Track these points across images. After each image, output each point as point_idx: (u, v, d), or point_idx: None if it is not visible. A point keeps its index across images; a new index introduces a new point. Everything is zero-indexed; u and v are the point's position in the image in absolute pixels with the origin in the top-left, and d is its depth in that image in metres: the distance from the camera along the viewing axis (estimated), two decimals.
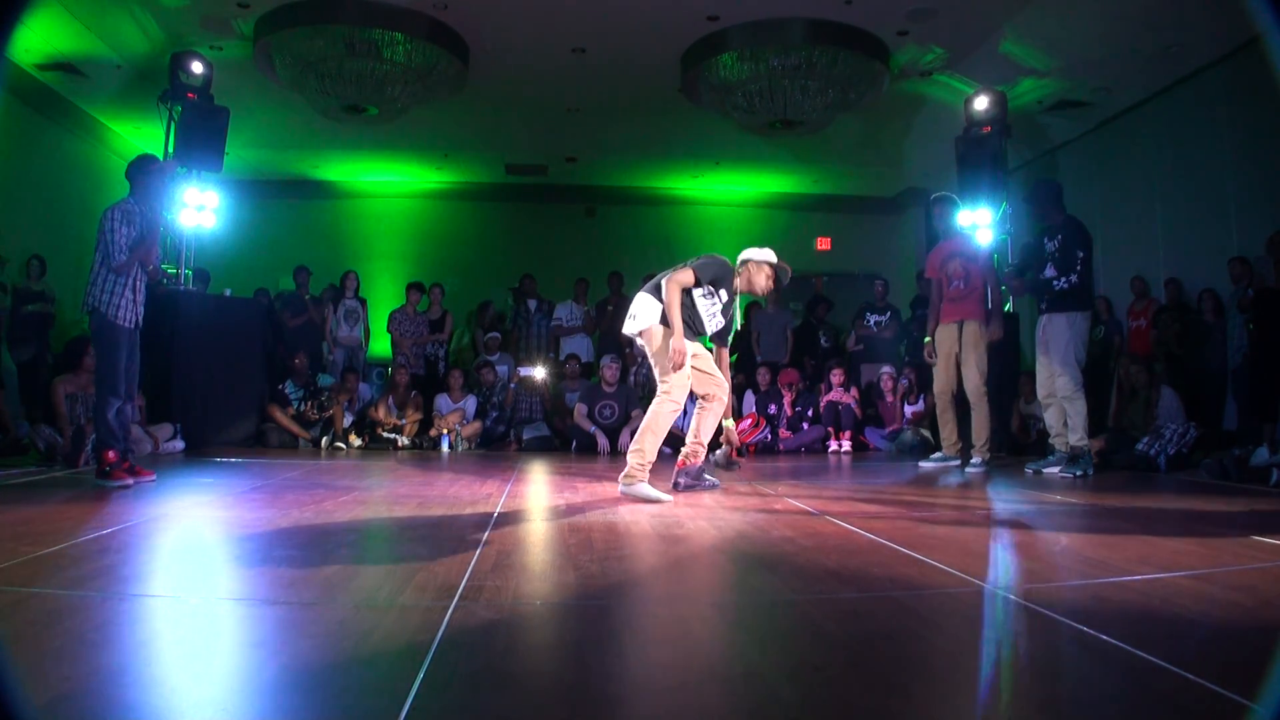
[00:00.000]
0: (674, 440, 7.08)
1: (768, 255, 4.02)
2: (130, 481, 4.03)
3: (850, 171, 10.75)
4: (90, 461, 5.11)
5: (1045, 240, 5.10)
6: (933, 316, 5.57)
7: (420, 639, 1.51)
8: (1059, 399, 4.96)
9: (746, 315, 9.04)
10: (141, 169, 4.41)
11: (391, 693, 1.25)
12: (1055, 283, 4.92)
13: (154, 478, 4.26)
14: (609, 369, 7.17)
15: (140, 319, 4.35)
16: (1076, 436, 4.89)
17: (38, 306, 7.05)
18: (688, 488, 3.93)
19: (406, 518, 3.02)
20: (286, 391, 7.25)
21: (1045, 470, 5.03)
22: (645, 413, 7.06)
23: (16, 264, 7.25)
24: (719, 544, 2.67)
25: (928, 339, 5.56)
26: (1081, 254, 4.89)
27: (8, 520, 2.93)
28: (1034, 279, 5.13)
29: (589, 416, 7.06)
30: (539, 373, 7.65)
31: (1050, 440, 5.14)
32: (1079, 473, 4.76)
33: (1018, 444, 6.97)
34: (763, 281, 4.00)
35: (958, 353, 5.36)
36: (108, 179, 9.31)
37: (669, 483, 3.94)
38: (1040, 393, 5.12)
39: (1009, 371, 7.58)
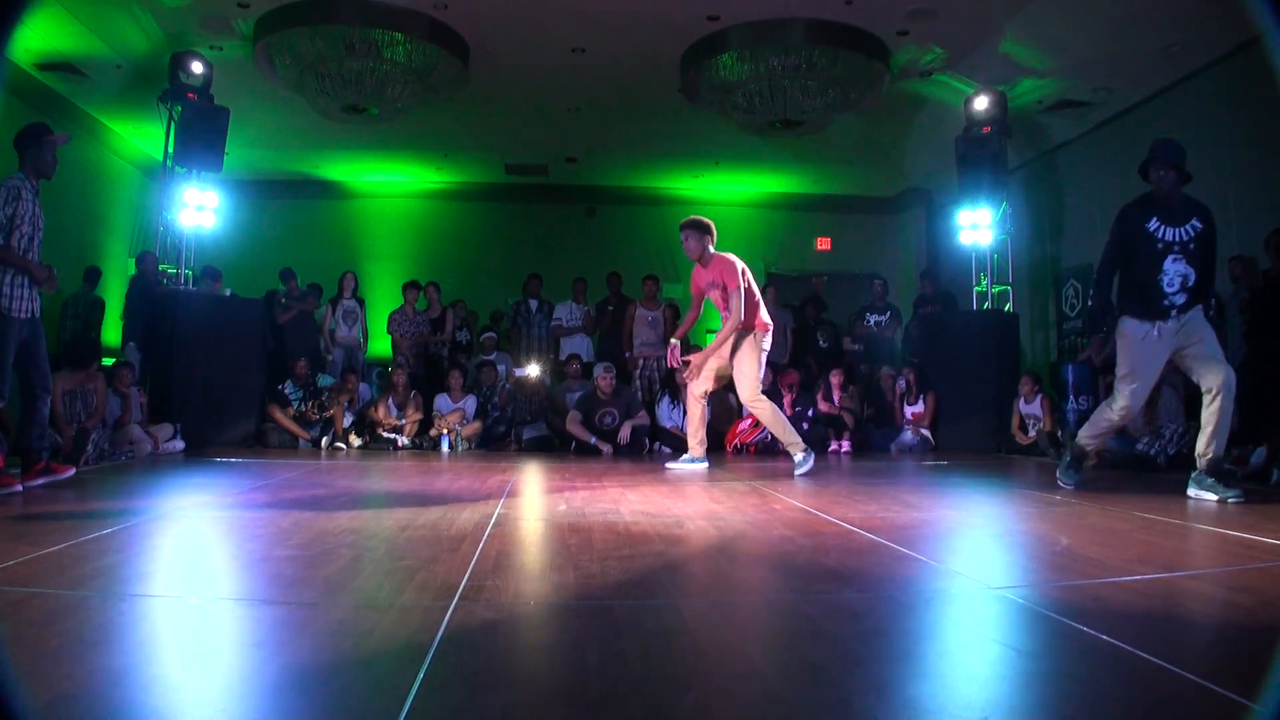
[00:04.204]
0: (675, 440, 7.13)
1: None
2: (19, 488, 3.64)
3: (850, 171, 10.74)
4: (90, 461, 5.12)
5: (1158, 225, 3.81)
6: (689, 324, 5.44)
7: (420, 639, 1.51)
8: (1218, 403, 3.70)
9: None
10: (31, 139, 3.88)
11: (391, 693, 1.25)
12: (1186, 283, 3.77)
13: (71, 471, 3.95)
14: (603, 379, 7.10)
15: (37, 308, 3.86)
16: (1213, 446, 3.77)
17: None
18: None
19: (406, 518, 3.02)
20: (286, 392, 7.25)
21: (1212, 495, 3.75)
22: (646, 415, 7.11)
23: None
24: (719, 544, 2.67)
25: (675, 340, 5.25)
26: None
27: (8, 520, 2.93)
28: (1131, 286, 3.89)
29: (588, 424, 7.02)
30: (533, 371, 7.63)
31: (1203, 455, 3.85)
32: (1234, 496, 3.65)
33: (1015, 444, 6.98)
34: None
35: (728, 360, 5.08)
36: (107, 179, 9.33)
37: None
38: (1135, 410, 3.96)
39: (1009, 371, 7.60)
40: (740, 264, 4.96)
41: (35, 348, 3.85)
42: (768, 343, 5.02)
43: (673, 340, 5.25)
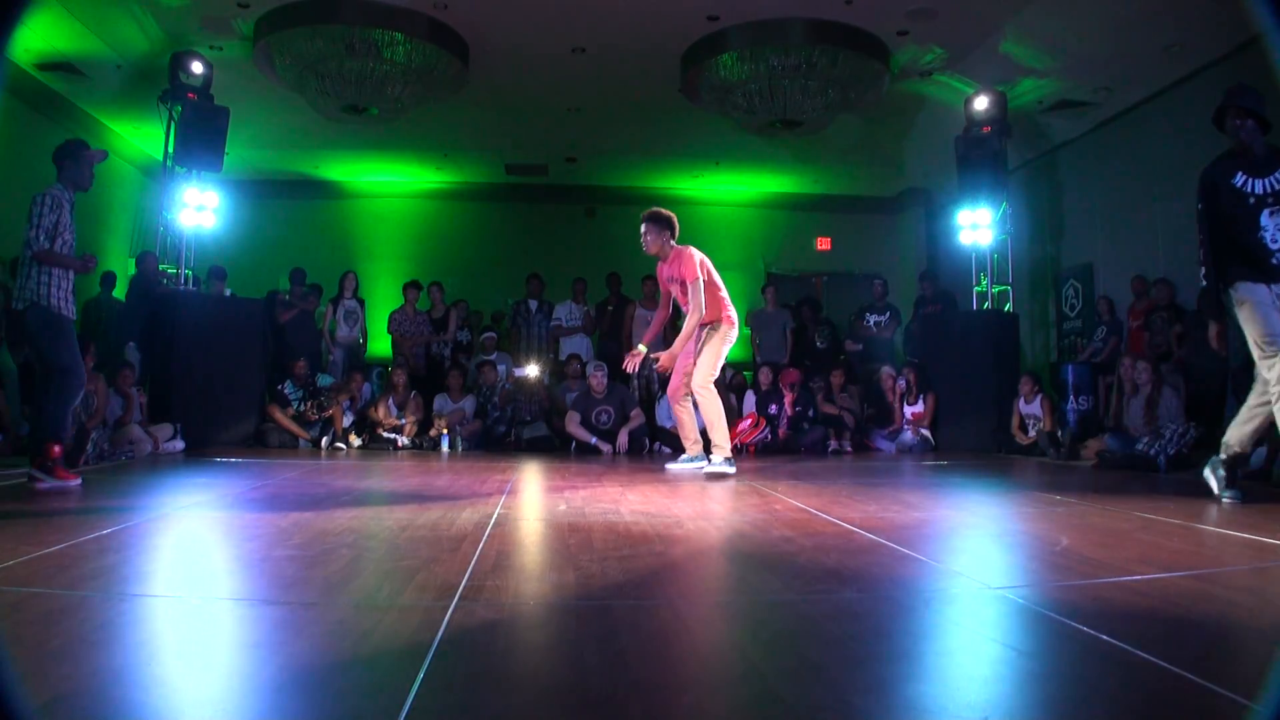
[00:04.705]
0: (674, 440, 7.13)
1: None
2: (76, 481, 3.83)
3: (850, 171, 10.75)
4: (90, 461, 5.12)
5: (1244, 179, 3.50)
6: (657, 326, 5.25)
7: (420, 639, 1.51)
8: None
9: (744, 315, 9.05)
10: (70, 154, 4.10)
11: (391, 693, 1.25)
12: None
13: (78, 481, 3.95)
14: (594, 377, 7.12)
15: (73, 310, 4.11)
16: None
17: None
18: None
19: (406, 518, 3.02)
20: (286, 391, 7.25)
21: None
22: (641, 414, 7.11)
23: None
24: (719, 544, 2.67)
25: (642, 348, 5.12)
26: None
27: (7, 520, 2.93)
28: (1232, 251, 3.51)
29: (586, 423, 7.02)
30: (532, 371, 7.63)
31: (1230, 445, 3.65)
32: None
33: (1015, 444, 6.98)
34: None
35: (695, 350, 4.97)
36: (107, 180, 9.31)
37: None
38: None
39: (1009, 371, 7.60)
40: (700, 256, 4.94)
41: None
42: (733, 337, 4.97)
43: (640, 347, 5.12)
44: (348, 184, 11.36)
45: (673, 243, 5.06)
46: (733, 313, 5.01)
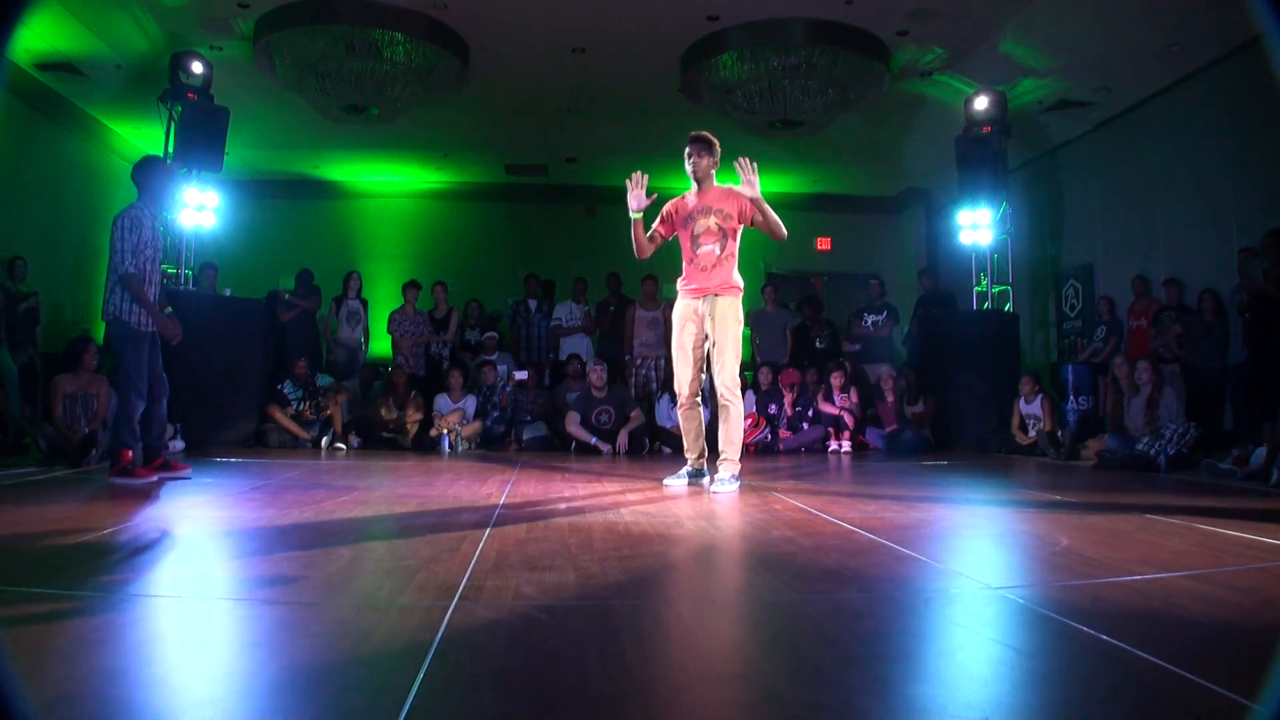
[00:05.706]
0: (674, 440, 7.13)
1: None
2: (154, 478, 4.15)
3: (850, 171, 10.74)
4: (93, 462, 5.12)
5: None
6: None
7: (420, 639, 1.51)
8: None
9: (745, 315, 9.01)
10: (149, 171, 4.38)
11: (391, 693, 1.25)
12: None
13: (189, 471, 4.43)
14: (594, 372, 7.14)
15: (151, 324, 4.37)
16: None
17: (30, 304, 7.05)
18: None
19: (406, 518, 3.02)
20: (285, 392, 7.25)
21: None
22: (641, 414, 7.10)
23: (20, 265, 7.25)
24: (719, 544, 2.68)
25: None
26: None
27: (8, 520, 2.93)
28: None
29: (586, 424, 7.03)
30: (520, 375, 7.60)
31: None
32: None
33: (1015, 444, 6.98)
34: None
35: (705, 336, 4.18)
36: (107, 179, 9.33)
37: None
38: None
39: (1009, 371, 7.60)
40: None
41: (153, 356, 4.36)
42: (741, 312, 4.24)
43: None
44: (348, 184, 11.36)
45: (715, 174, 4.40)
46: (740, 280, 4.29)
